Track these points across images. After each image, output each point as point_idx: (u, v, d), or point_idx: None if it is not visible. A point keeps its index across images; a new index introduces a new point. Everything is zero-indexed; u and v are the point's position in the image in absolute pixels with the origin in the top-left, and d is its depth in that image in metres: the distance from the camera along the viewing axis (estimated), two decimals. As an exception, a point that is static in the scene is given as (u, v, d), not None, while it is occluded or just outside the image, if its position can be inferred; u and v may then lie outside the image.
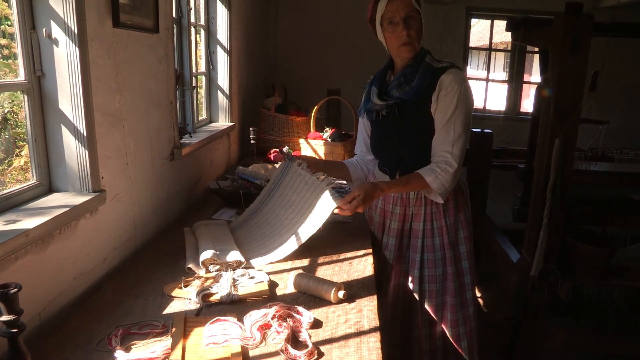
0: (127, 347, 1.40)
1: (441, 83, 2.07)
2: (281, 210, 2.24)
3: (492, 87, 5.94)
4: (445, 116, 2.07)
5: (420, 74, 2.10)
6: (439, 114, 2.09)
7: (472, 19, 5.67)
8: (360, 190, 1.98)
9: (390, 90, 2.17)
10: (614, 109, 4.88)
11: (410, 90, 2.10)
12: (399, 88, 2.13)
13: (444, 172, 2.05)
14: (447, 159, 2.07)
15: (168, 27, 2.41)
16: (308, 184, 2.17)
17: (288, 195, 2.26)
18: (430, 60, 2.13)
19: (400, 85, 2.13)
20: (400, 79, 2.13)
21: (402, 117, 2.16)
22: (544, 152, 3.01)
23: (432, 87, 2.08)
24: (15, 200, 1.62)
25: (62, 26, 1.63)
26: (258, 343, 1.44)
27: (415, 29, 2.06)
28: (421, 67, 2.11)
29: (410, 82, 2.11)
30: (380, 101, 2.16)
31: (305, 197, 2.15)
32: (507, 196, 4.67)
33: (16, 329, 1.14)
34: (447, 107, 2.06)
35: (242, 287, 1.74)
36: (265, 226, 2.24)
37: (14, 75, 1.71)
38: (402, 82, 2.12)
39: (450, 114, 2.06)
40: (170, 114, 2.47)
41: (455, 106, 2.06)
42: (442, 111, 2.08)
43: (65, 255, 1.65)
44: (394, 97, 2.14)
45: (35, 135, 1.69)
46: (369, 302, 1.71)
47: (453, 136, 2.07)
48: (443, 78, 2.07)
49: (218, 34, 3.51)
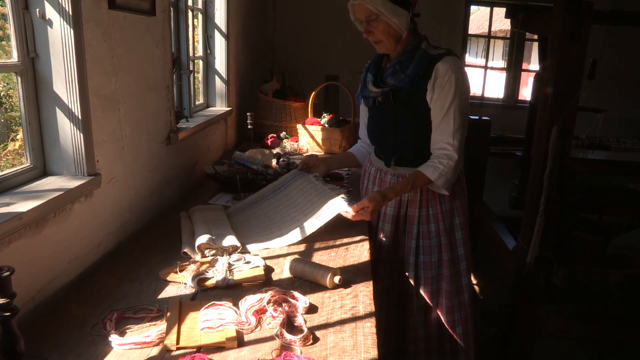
0: (122, 332, 1.40)
1: (437, 71, 2.05)
2: (284, 208, 2.26)
3: (491, 74, 5.92)
4: (443, 107, 2.06)
5: (415, 61, 2.08)
6: (437, 104, 2.07)
7: (472, 6, 5.63)
8: (370, 201, 2.02)
9: (385, 77, 2.16)
10: (612, 97, 4.86)
11: (405, 78, 2.09)
12: (394, 75, 2.12)
13: (446, 167, 2.07)
14: (447, 152, 2.07)
15: (165, 10, 2.39)
16: (318, 191, 2.21)
17: (295, 197, 2.28)
18: (426, 47, 2.11)
19: (396, 72, 2.12)
20: (396, 66, 2.12)
21: (397, 105, 2.15)
22: (541, 140, 3.00)
23: (428, 75, 2.06)
24: (9, 183, 1.61)
25: (56, 6, 1.61)
26: (253, 328, 1.44)
27: (381, 29, 2.04)
28: (417, 54, 2.09)
29: (406, 70, 2.09)
30: (375, 88, 2.16)
31: (313, 200, 2.19)
32: (504, 183, 4.66)
33: (9, 312, 1.13)
34: (445, 98, 2.05)
35: (238, 272, 1.74)
36: (263, 218, 2.23)
37: (8, 56, 1.69)
38: (398, 69, 2.11)
39: (448, 104, 2.05)
40: (167, 98, 2.45)
41: (452, 96, 2.04)
42: (439, 102, 2.06)
43: (60, 239, 1.64)
44: (389, 84, 2.14)
45: (30, 118, 1.67)
46: (364, 287, 1.71)
47: (453, 127, 2.06)
48: (439, 66, 2.05)
49: (216, 17, 3.48)
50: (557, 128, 2.86)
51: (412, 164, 2.19)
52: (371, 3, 1.97)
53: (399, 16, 1.99)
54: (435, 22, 5.19)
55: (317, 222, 2.08)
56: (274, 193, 2.36)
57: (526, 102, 5.30)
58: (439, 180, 2.08)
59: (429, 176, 2.08)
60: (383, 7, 1.96)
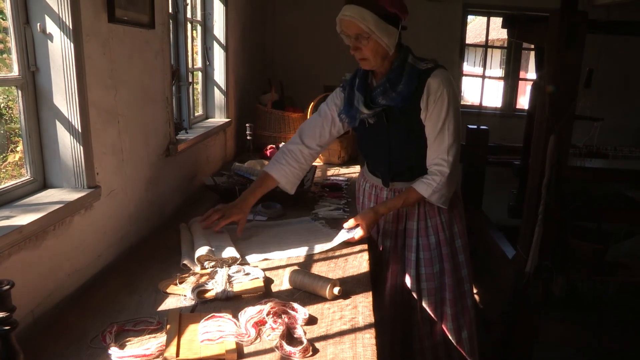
0: (122, 344, 1.40)
1: (429, 87, 2.02)
2: (286, 234, 2.27)
3: (488, 83, 5.95)
4: (437, 124, 2.05)
5: (405, 78, 2.03)
6: (431, 121, 2.06)
7: (469, 16, 5.67)
8: (362, 219, 2.10)
9: (375, 96, 2.09)
10: (608, 106, 4.89)
11: (397, 97, 2.03)
12: (385, 94, 2.06)
13: (439, 184, 2.08)
14: (441, 169, 2.08)
15: (164, 23, 2.41)
16: (322, 231, 2.29)
17: (297, 229, 2.32)
18: (412, 61, 2.06)
19: (386, 91, 2.05)
20: (386, 84, 2.05)
21: (390, 124, 2.12)
22: (539, 149, 3.02)
23: (420, 91, 2.03)
24: (9, 196, 1.62)
25: (56, 21, 1.62)
26: (253, 339, 1.44)
27: (370, 47, 1.97)
28: (405, 70, 2.04)
29: (396, 87, 2.04)
30: (367, 110, 2.10)
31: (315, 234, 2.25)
32: (502, 192, 4.68)
33: (8, 326, 1.13)
34: (439, 114, 2.03)
35: (238, 284, 1.74)
36: (263, 237, 2.24)
37: (8, 70, 1.70)
38: (388, 87, 2.05)
39: (442, 120, 2.04)
40: (166, 110, 2.46)
41: (446, 112, 2.03)
42: (433, 118, 2.05)
43: (60, 251, 1.64)
44: (380, 104, 2.08)
45: (30, 131, 1.68)
46: (364, 298, 1.71)
47: (447, 143, 2.06)
48: (430, 82, 2.02)
49: (214, 29, 3.50)
50: (554, 137, 2.88)
51: (408, 179, 2.20)
52: (363, 22, 1.91)
53: (389, 35, 1.96)
54: (433, 32, 5.23)
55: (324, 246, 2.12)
56: (278, 225, 2.39)
57: (524, 110, 5.32)
58: (432, 197, 2.10)
59: (422, 193, 2.10)
60: (375, 26, 1.91)
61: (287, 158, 2.27)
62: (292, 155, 2.27)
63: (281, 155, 2.30)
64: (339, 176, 3.32)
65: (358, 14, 1.90)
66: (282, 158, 2.28)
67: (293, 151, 2.28)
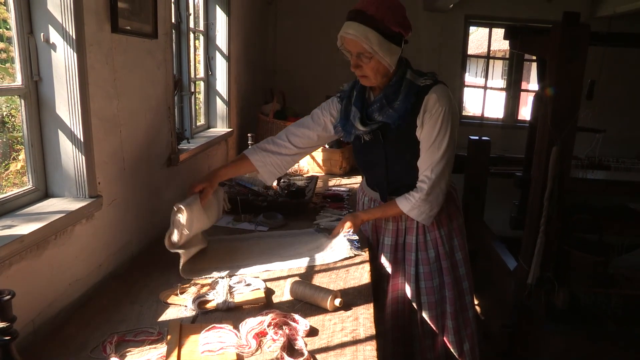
0: (122, 354, 1.39)
1: (426, 104, 1.99)
2: (288, 245, 2.26)
3: (490, 94, 5.95)
4: (429, 140, 2.02)
5: (403, 95, 2.00)
6: (424, 137, 2.03)
7: (471, 27, 5.69)
8: (346, 220, 2.20)
9: (371, 112, 2.06)
10: (610, 117, 4.89)
11: (394, 114, 2.00)
12: (382, 111, 2.02)
13: (418, 201, 2.07)
14: (421, 185, 2.07)
15: (167, 33, 2.41)
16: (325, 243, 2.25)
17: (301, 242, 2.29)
18: (411, 76, 2.02)
19: (383, 107, 2.02)
20: (382, 100, 2.02)
21: (386, 141, 2.10)
22: (541, 160, 3.02)
23: (417, 108, 2.00)
24: (10, 205, 1.62)
25: (60, 31, 1.63)
26: (254, 351, 1.43)
27: (371, 66, 1.94)
28: (403, 85, 2.01)
29: (393, 104, 2.01)
30: (362, 127, 2.06)
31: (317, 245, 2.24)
32: (504, 204, 4.67)
33: (8, 336, 1.13)
34: (431, 131, 2.00)
35: (238, 295, 1.73)
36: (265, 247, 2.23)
37: (12, 79, 1.70)
38: (385, 104, 2.01)
39: (434, 137, 2.01)
40: (168, 120, 2.47)
41: (438, 129, 1.99)
42: (426, 135, 2.02)
43: (61, 261, 1.64)
44: (376, 120, 2.05)
45: (32, 140, 1.68)
46: (365, 310, 1.70)
47: (434, 160, 2.03)
48: (428, 99, 1.99)
49: (217, 39, 3.52)
50: (556, 148, 2.88)
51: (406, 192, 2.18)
52: (367, 42, 1.87)
53: (391, 55, 1.93)
54: (435, 43, 5.25)
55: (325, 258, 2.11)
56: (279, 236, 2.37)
57: (526, 121, 5.33)
58: (411, 212, 2.09)
59: (401, 208, 2.11)
60: (379, 46, 1.88)
61: (270, 147, 2.23)
62: (277, 147, 2.23)
63: (264, 143, 2.26)
64: (340, 187, 3.32)
65: (362, 34, 1.87)
66: (264, 145, 2.24)
67: (277, 143, 2.24)
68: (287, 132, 2.27)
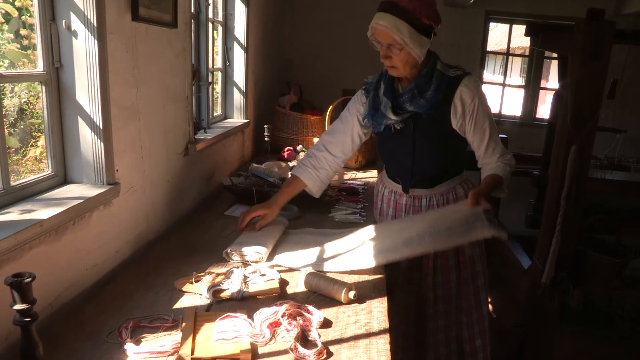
0: (137, 340, 1.40)
1: (462, 97, 2.02)
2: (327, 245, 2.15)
3: (509, 92, 5.90)
4: (484, 132, 2.06)
5: (435, 85, 2.02)
6: (477, 132, 2.06)
7: (491, 23, 5.64)
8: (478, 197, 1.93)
9: (402, 102, 2.07)
10: (632, 118, 4.82)
11: (426, 104, 2.02)
12: (413, 101, 2.04)
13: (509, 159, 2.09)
14: (495, 154, 2.08)
15: (186, 22, 2.42)
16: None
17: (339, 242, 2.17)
18: (442, 67, 2.05)
19: (414, 97, 2.03)
20: (414, 90, 2.03)
21: (416, 131, 2.10)
22: (559, 159, 2.99)
23: (449, 98, 2.02)
24: (30, 190, 1.64)
25: (81, 18, 1.64)
26: (267, 340, 1.44)
27: (401, 58, 1.96)
28: (435, 76, 2.03)
29: (424, 94, 2.02)
30: (394, 116, 2.07)
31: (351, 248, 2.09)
32: (520, 202, 4.63)
33: (29, 318, 1.15)
34: (483, 123, 2.05)
35: (253, 284, 1.74)
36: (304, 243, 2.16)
37: (33, 66, 1.72)
38: (416, 94, 2.03)
39: (487, 127, 2.06)
40: (186, 109, 2.48)
41: (486, 118, 2.05)
42: (479, 128, 2.06)
43: (79, 246, 1.66)
44: (408, 110, 2.05)
45: (52, 127, 1.70)
46: (379, 303, 1.70)
47: (488, 138, 2.07)
48: (462, 91, 2.02)
49: (235, 30, 3.52)
50: (575, 147, 2.84)
51: (428, 186, 2.18)
52: (398, 33, 1.89)
53: (421, 46, 1.95)
54: (454, 38, 5.21)
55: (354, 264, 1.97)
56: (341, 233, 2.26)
57: (544, 120, 5.28)
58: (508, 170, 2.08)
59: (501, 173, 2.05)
60: (409, 38, 1.90)
61: (314, 162, 2.26)
62: (317, 161, 2.26)
63: (307, 159, 2.28)
64: (356, 180, 3.31)
65: (393, 25, 1.89)
66: (309, 162, 2.27)
67: (318, 157, 2.26)
68: (323, 142, 2.29)
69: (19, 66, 1.77)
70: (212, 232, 2.25)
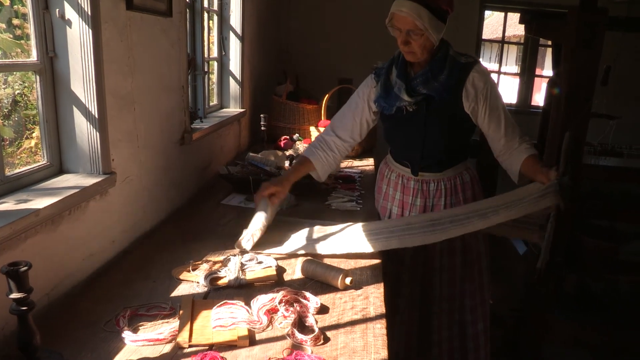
0: (135, 328, 1.42)
1: (474, 82, 2.06)
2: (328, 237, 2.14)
3: (504, 80, 5.92)
4: (500, 116, 2.10)
5: (448, 69, 2.06)
6: (493, 117, 2.10)
7: (486, 11, 5.62)
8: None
9: (416, 85, 2.09)
10: (625, 104, 4.82)
11: (439, 87, 2.05)
12: (427, 84, 2.07)
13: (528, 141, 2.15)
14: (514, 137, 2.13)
15: (181, 11, 2.41)
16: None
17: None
18: (454, 53, 2.11)
19: (428, 80, 2.06)
20: (428, 74, 2.07)
21: (429, 113, 2.12)
22: (554, 146, 3.00)
23: (461, 83, 2.07)
24: (26, 180, 1.64)
25: (75, 7, 1.63)
26: (265, 327, 1.45)
27: (420, 43, 1.99)
28: (448, 61, 2.07)
29: (438, 77, 2.06)
30: (409, 97, 2.09)
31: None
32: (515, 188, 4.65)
33: (26, 306, 1.15)
34: (497, 108, 2.10)
35: (250, 272, 1.75)
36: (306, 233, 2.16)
37: (27, 55, 1.71)
38: (430, 77, 2.06)
39: (501, 111, 2.11)
40: (182, 99, 2.47)
41: (499, 102, 2.11)
42: (494, 114, 2.10)
43: (75, 236, 1.66)
44: (421, 92, 2.09)
45: (47, 116, 1.70)
46: (375, 289, 1.72)
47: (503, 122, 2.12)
48: (475, 77, 2.06)
49: (231, 19, 3.51)
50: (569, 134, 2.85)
51: (437, 170, 2.20)
52: (419, 19, 1.92)
53: (439, 32, 1.99)
54: (449, 27, 5.17)
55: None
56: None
57: (539, 107, 5.27)
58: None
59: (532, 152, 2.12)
60: (429, 23, 1.93)
61: (323, 146, 2.26)
62: (327, 145, 2.26)
63: (317, 142, 2.29)
64: (353, 168, 3.32)
65: (415, 11, 1.91)
66: (318, 146, 2.27)
67: (327, 141, 2.27)
68: (333, 127, 2.30)
69: (12, 56, 1.76)
70: (209, 221, 2.26)
